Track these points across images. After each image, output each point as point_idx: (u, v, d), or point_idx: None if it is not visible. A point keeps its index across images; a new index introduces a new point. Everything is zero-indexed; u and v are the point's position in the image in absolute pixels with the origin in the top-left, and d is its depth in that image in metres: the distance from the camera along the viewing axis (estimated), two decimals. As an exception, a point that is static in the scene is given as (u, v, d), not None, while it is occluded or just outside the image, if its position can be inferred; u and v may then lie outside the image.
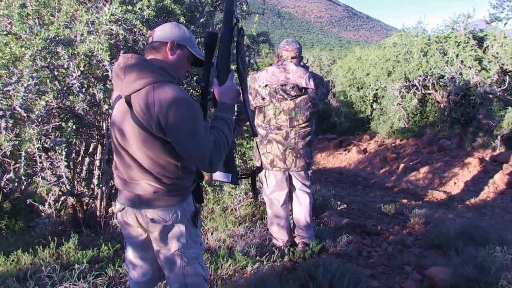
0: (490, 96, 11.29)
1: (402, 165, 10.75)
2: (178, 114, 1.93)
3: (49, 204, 4.41)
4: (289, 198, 4.19)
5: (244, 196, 4.78)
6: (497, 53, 11.11)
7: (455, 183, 9.12)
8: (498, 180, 8.41)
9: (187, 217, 2.18)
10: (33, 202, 4.37)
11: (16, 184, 4.36)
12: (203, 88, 2.24)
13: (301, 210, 4.12)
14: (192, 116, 1.96)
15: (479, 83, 11.17)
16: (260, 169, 2.59)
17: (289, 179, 4.09)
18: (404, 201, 7.37)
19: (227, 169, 2.30)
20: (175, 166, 2.09)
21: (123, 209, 2.22)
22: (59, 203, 4.57)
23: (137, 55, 2.10)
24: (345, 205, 5.89)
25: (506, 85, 10.86)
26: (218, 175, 2.30)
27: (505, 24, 11.42)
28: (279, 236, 4.12)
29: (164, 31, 2.15)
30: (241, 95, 2.30)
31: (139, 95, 2.00)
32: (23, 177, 4.04)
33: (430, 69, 12.20)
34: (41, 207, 4.38)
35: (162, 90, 1.96)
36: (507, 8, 11.07)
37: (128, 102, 2.03)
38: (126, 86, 2.02)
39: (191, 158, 1.99)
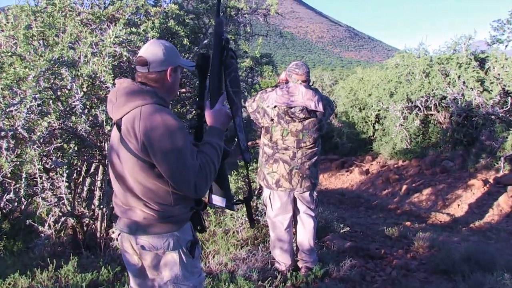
0: (493, 117, 11.28)
1: (404, 187, 10.68)
2: (162, 137, 1.92)
3: (49, 225, 4.36)
4: (293, 221, 4.14)
5: (246, 219, 4.73)
6: (498, 74, 11.13)
7: (458, 205, 9.05)
8: (503, 203, 8.34)
9: (181, 246, 2.11)
10: (32, 223, 4.32)
11: (16, 204, 4.32)
12: (198, 111, 2.23)
13: (305, 234, 4.06)
14: (177, 139, 1.93)
15: (481, 104, 11.16)
16: (250, 196, 2.51)
17: (293, 201, 4.04)
18: (408, 223, 7.29)
19: (220, 193, 2.27)
20: (166, 192, 2.04)
21: (119, 234, 2.21)
22: (59, 224, 4.52)
23: (129, 79, 2.10)
24: (348, 228, 5.82)
25: (509, 106, 10.86)
26: (215, 199, 2.28)
27: (506, 46, 11.50)
28: (282, 260, 4.06)
29: (156, 57, 2.06)
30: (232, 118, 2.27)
31: (127, 118, 2.00)
32: (23, 198, 3.99)
33: (432, 90, 12.20)
34: (40, 228, 4.32)
35: (148, 113, 1.96)
36: (507, 31, 11.16)
37: (119, 126, 2.03)
38: (117, 110, 2.04)
39: (176, 182, 1.97)
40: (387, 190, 11.13)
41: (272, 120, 3.86)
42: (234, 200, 2.38)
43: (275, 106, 3.81)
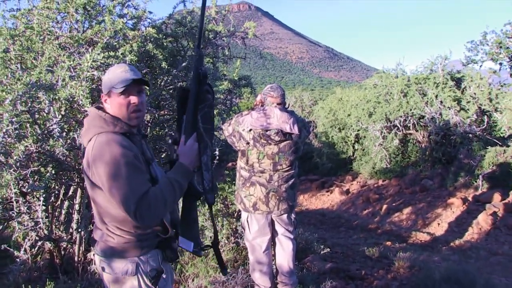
0: (470, 135, 11.51)
1: (385, 206, 10.76)
2: (105, 166, 1.94)
3: (25, 250, 4.26)
4: (272, 243, 4.12)
5: (226, 241, 4.70)
6: (474, 93, 11.41)
7: (438, 224, 9.13)
8: (482, 221, 8.44)
9: (141, 273, 2.09)
10: (7, 248, 4.22)
11: (-10, 228, 4.23)
12: (172, 144, 2.23)
13: (284, 256, 4.04)
14: (119, 168, 1.94)
15: (459, 123, 11.39)
16: (217, 241, 2.44)
17: (271, 224, 4.03)
18: (388, 243, 7.33)
19: (189, 236, 2.18)
20: (125, 217, 2.02)
21: (94, 255, 2.22)
22: (36, 248, 4.43)
23: (94, 108, 2.17)
24: (328, 249, 5.82)
25: (485, 125, 11.10)
26: (181, 242, 2.19)
27: (480, 66, 11.81)
28: (262, 283, 4.02)
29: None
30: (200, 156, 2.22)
31: (88, 145, 2.06)
32: (-3, 223, 3.91)
33: (411, 109, 12.41)
34: (16, 253, 4.22)
35: (99, 142, 2.01)
36: (481, 52, 11.48)
37: (84, 152, 2.10)
38: (83, 137, 2.12)
39: (119, 207, 1.95)
40: (368, 210, 11.19)
41: (248, 143, 3.87)
42: (203, 245, 2.33)
43: (250, 130, 3.83)
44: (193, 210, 2.22)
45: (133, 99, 2.12)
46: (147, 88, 2.22)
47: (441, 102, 11.83)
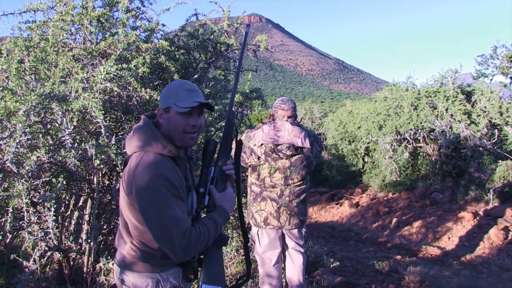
0: (481, 149, 11.43)
1: (394, 220, 10.67)
2: (146, 191, 1.90)
3: (34, 260, 4.27)
4: (282, 256, 4.10)
5: (236, 254, 4.68)
6: (485, 107, 11.36)
7: (449, 238, 9.04)
8: (493, 236, 8.35)
9: None
10: (17, 258, 4.23)
11: (0, 238, 4.24)
12: (202, 194, 2.19)
13: (294, 270, 4.02)
14: (162, 197, 1.89)
15: (469, 137, 11.33)
16: (248, 277, 2.45)
17: (282, 237, 4.02)
18: (398, 257, 7.26)
19: (214, 280, 2.10)
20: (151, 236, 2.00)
21: (113, 264, 2.19)
22: (45, 259, 4.43)
23: (146, 118, 2.12)
24: (338, 262, 5.78)
25: (496, 139, 11.03)
26: None
27: (491, 80, 11.79)
28: (271, 296, 4.00)
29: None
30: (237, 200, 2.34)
31: (131, 157, 2.02)
32: (8, 233, 3.92)
33: (421, 122, 12.37)
34: (25, 263, 4.22)
35: (145, 161, 1.95)
36: (491, 65, 11.46)
37: (126, 161, 2.06)
38: (128, 145, 2.07)
39: (155, 240, 1.93)
40: (377, 223, 11.11)
41: (259, 158, 3.86)
42: (231, 285, 2.33)
43: (261, 144, 3.82)
44: (217, 255, 2.17)
45: (193, 121, 2.07)
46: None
47: (451, 115, 11.79)
